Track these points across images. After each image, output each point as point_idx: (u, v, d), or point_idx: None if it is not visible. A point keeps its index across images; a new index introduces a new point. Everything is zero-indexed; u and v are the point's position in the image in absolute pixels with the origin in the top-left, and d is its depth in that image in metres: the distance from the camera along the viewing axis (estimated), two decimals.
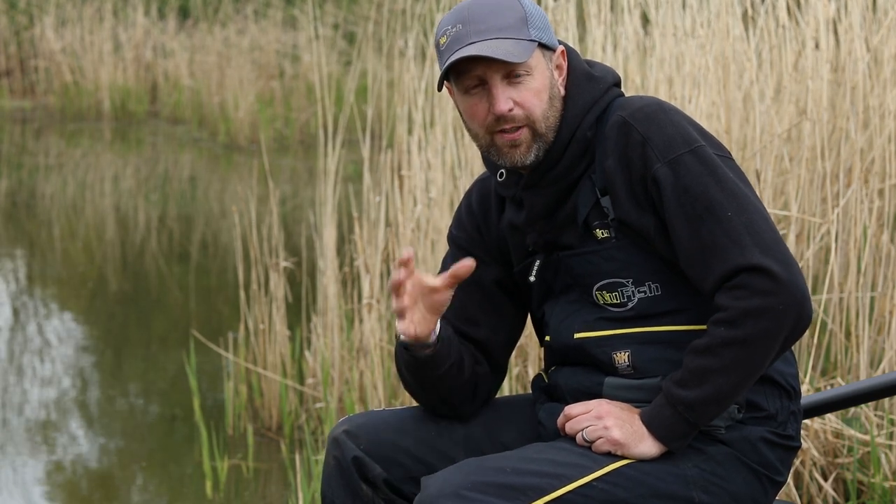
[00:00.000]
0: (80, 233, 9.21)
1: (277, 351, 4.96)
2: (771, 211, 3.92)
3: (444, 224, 4.66)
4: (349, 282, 5.00)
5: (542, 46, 2.30)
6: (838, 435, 3.63)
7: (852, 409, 3.65)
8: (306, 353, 4.99)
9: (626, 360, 2.30)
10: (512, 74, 2.27)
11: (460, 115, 2.36)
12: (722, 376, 2.18)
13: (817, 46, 4.24)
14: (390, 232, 4.80)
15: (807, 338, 3.88)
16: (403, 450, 2.39)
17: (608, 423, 2.23)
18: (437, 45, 2.33)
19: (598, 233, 2.31)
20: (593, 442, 2.23)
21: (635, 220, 2.27)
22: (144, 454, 4.81)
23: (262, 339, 4.99)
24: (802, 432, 3.14)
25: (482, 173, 2.52)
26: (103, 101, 14.99)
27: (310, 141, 12.75)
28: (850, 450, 3.60)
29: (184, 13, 16.11)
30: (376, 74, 5.83)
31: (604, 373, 2.32)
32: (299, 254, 5.59)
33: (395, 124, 5.12)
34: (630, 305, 2.30)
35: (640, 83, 4.46)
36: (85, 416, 5.24)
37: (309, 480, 3.93)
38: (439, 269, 2.46)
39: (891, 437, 3.60)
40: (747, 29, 4.42)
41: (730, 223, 2.20)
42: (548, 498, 2.17)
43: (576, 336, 2.34)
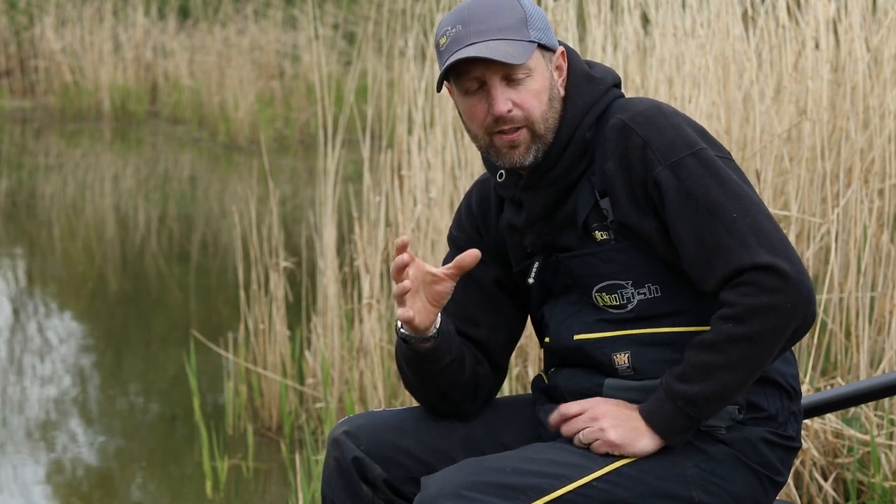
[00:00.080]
0: (80, 233, 9.21)
1: (277, 351, 4.96)
2: (771, 211, 3.91)
3: (444, 224, 4.66)
4: (349, 282, 5.00)
5: (542, 47, 2.30)
6: (838, 435, 3.63)
7: (852, 409, 3.65)
8: (306, 353, 4.99)
9: (626, 362, 2.29)
10: (511, 75, 2.27)
11: (460, 115, 2.36)
12: (727, 373, 2.18)
13: (817, 46, 4.24)
14: (390, 232, 4.80)
15: (807, 338, 3.88)
16: (403, 450, 2.39)
17: (604, 425, 2.23)
18: (437, 46, 2.33)
19: (598, 234, 2.31)
20: (590, 444, 2.24)
21: (635, 223, 2.27)
22: (144, 454, 4.81)
23: (262, 339, 4.99)
24: (802, 432, 3.14)
25: (482, 174, 2.52)
26: (103, 101, 14.99)
27: (310, 141, 12.75)
28: (850, 450, 3.60)
29: (184, 13, 16.11)
30: (376, 74, 5.82)
31: (604, 374, 2.32)
32: (299, 254, 5.59)
33: (395, 124, 5.12)
34: (630, 307, 2.30)
35: (640, 83, 4.46)
36: (85, 416, 5.24)
37: (309, 480, 3.93)
38: None
39: (891, 437, 3.60)
40: (747, 29, 4.41)
41: (734, 225, 2.19)
42: (548, 498, 2.17)
43: (575, 338, 2.34)
